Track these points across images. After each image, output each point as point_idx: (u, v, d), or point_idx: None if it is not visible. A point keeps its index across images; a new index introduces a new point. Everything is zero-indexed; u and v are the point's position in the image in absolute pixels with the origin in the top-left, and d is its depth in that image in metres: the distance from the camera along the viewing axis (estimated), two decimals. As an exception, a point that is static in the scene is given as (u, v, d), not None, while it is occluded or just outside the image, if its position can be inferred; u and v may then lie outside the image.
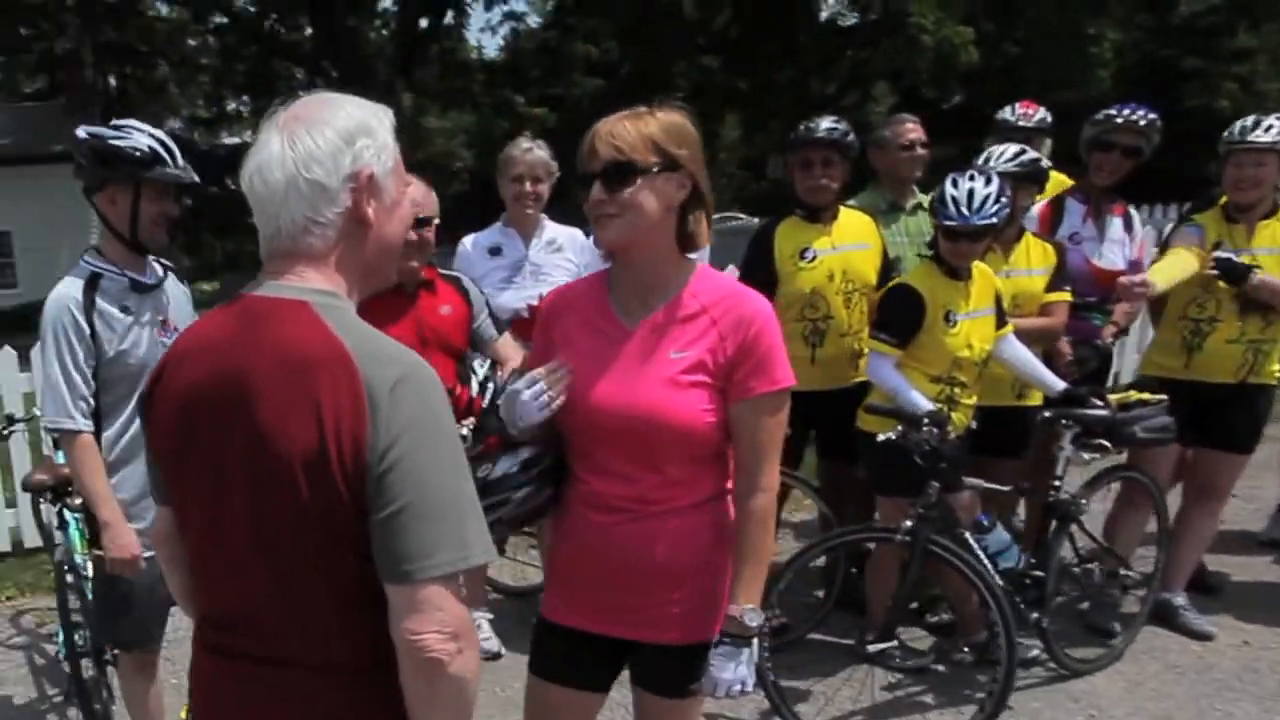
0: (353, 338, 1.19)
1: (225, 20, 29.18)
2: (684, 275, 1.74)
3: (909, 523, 3.00)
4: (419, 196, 2.66)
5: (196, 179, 2.59)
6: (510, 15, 35.36)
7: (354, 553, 1.17)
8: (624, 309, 1.76)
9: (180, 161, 2.54)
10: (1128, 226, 3.82)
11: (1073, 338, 3.67)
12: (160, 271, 2.71)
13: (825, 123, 3.43)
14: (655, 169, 1.63)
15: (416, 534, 1.13)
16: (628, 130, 1.64)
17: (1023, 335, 3.36)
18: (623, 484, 1.73)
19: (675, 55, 26.42)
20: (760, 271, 3.54)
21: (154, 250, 2.65)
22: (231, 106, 37.82)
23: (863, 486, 3.54)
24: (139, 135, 2.49)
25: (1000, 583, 2.97)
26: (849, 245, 3.51)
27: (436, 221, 2.78)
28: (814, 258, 3.47)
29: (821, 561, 3.71)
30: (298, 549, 1.19)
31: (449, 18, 29.79)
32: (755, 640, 1.73)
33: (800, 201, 3.54)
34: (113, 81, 34.92)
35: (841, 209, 3.57)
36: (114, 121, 2.60)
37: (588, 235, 3.75)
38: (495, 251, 3.65)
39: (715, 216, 3.41)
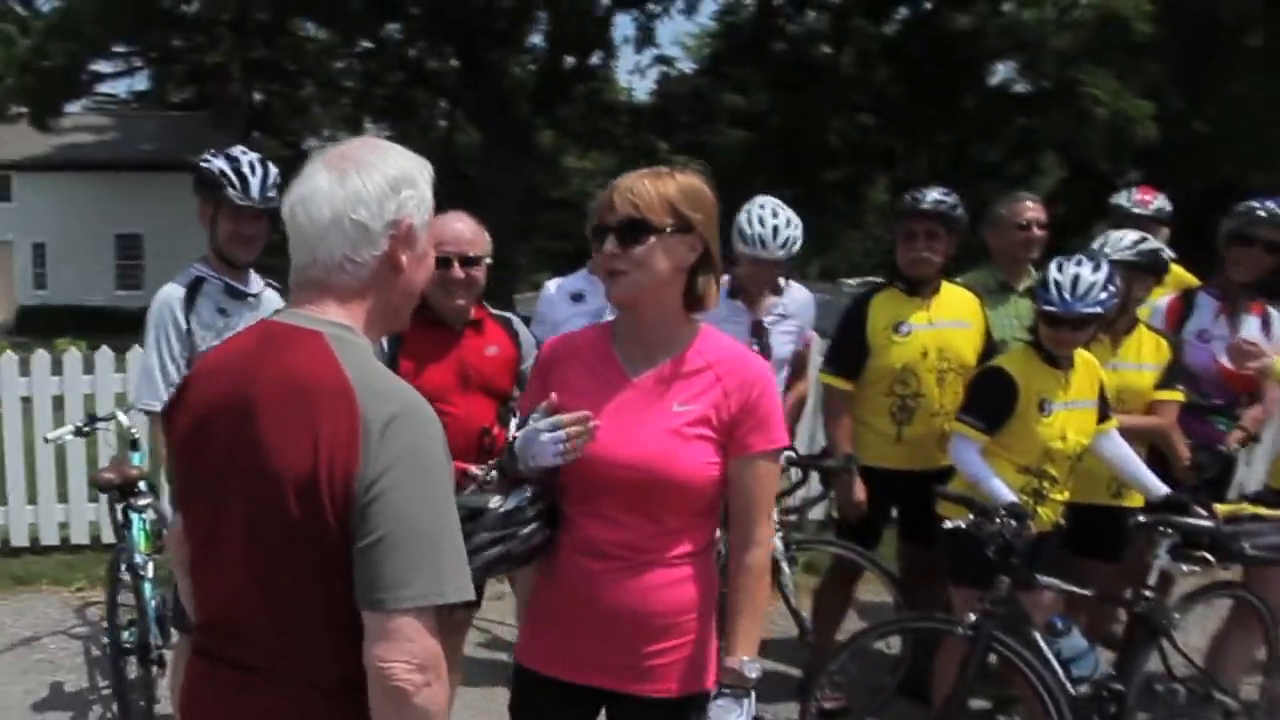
0: (357, 371, 1.32)
1: (372, 45, 31.26)
2: (689, 333, 1.89)
3: (973, 616, 3.04)
4: (469, 235, 2.80)
5: (258, 205, 2.93)
6: (661, 59, 36.37)
7: (340, 576, 1.29)
8: (628, 360, 1.89)
9: (253, 190, 2.91)
10: (1265, 327, 3.75)
11: (1193, 442, 3.62)
12: (260, 284, 3.13)
13: (933, 194, 3.54)
14: (669, 229, 1.78)
15: (393, 565, 1.25)
16: (647, 189, 1.79)
17: (1126, 434, 3.36)
18: (617, 530, 1.84)
19: (828, 111, 26.73)
20: (850, 341, 3.67)
21: (236, 264, 3.06)
22: (369, 129, 40.35)
23: (941, 573, 3.57)
24: (218, 160, 2.94)
25: (1071, 691, 2.96)
26: (947, 322, 3.59)
27: (489, 261, 2.91)
28: (908, 332, 3.56)
29: (893, 648, 3.75)
30: (287, 566, 1.32)
31: (596, 58, 31.06)
32: (753, 692, 1.83)
33: (900, 273, 3.67)
34: (258, 97, 38.06)
35: (945, 285, 3.66)
36: (239, 148, 3.06)
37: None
38: (578, 298, 3.82)
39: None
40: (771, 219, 3.50)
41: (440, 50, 32.48)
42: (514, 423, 2.95)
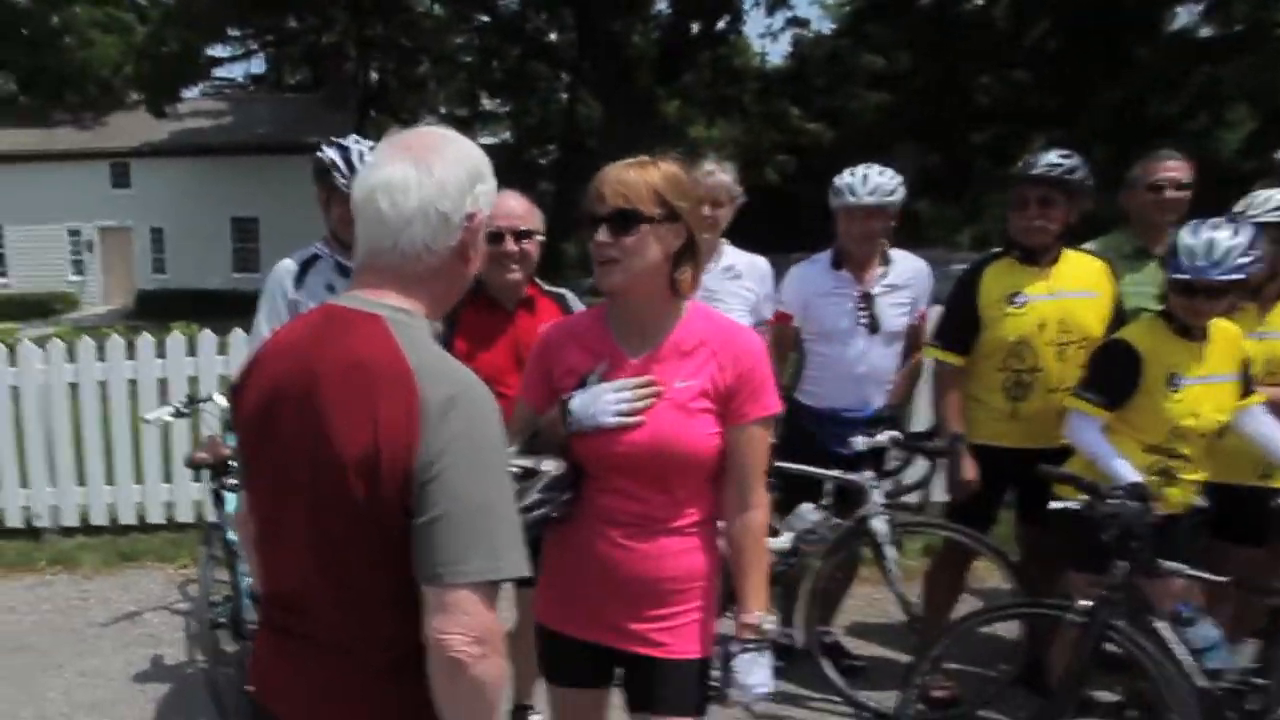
0: (417, 354, 1.43)
1: (488, 19, 32.09)
2: (679, 313, 2.06)
3: (1087, 602, 2.98)
4: (521, 210, 2.93)
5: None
6: (795, 21, 36.00)
7: (399, 553, 1.40)
8: (625, 342, 2.08)
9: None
10: None
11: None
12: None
13: (1049, 157, 3.46)
14: (658, 218, 1.95)
15: (451, 541, 1.36)
16: (635, 179, 1.96)
17: (1275, 409, 3.22)
18: (631, 502, 2.05)
19: (976, 69, 25.93)
20: (960, 314, 3.64)
21: (349, 245, 3.28)
22: (486, 106, 41.50)
23: (1061, 558, 3.51)
24: (330, 150, 3.24)
25: (1201, 684, 2.88)
26: (1070, 292, 3.52)
27: (540, 237, 3.03)
28: (1024, 303, 3.51)
29: (1011, 634, 3.72)
30: (347, 544, 1.44)
31: (723, 23, 31.03)
32: (771, 645, 2.06)
33: (1016, 242, 3.63)
34: (373, 76, 39.66)
35: (1069, 252, 3.58)
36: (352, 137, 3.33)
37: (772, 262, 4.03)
38: None
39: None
40: (862, 169, 3.63)
41: (559, 21, 33.12)
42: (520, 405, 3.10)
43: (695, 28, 30.40)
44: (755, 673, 2.02)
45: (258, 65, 40.87)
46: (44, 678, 4.26)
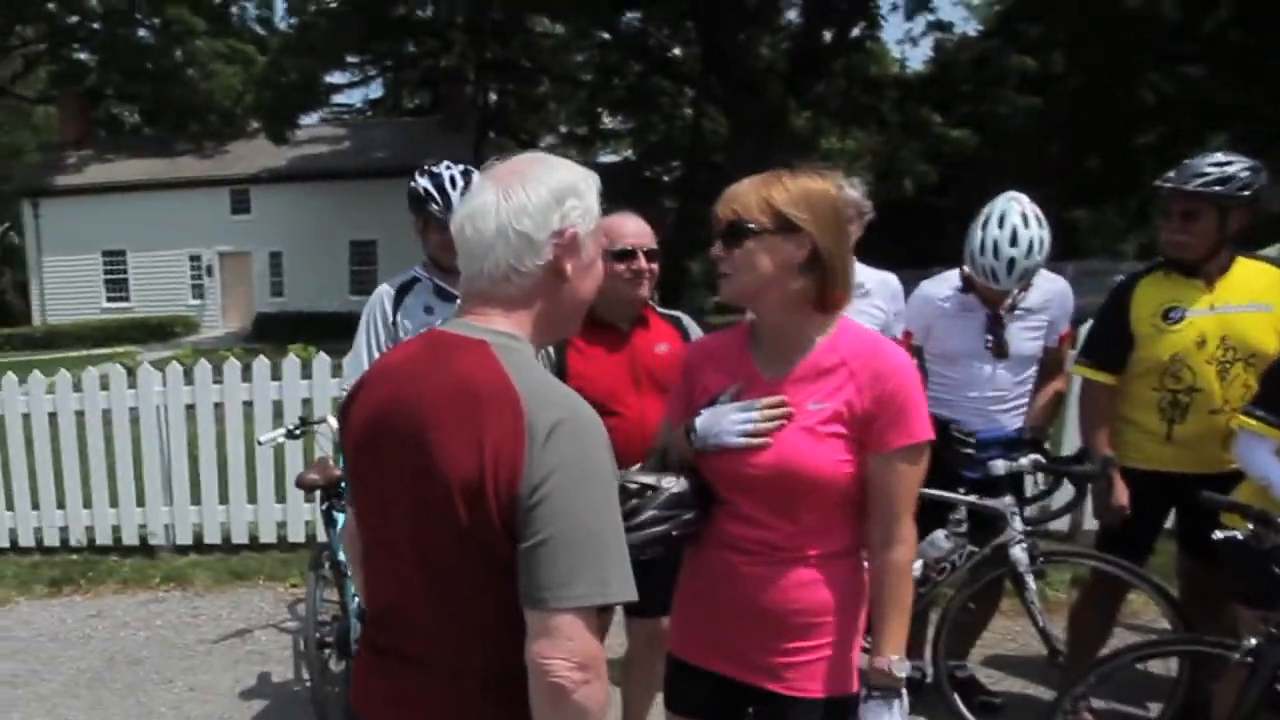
0: (523, 379, 1.50)
1: (608, 36, 32.71)
2: (823, 329, 2.05)
3: (1254, 641, 2.86)
4: (645, 230, 3.10)
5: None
6: (937, 25, 35.51)
7: (503, 576, 1.46)
8: (763, 361, 2.10)
9: (454, 203, 3.33)
10: None
11: None
12: None
13: (1199, 166, 3.36)
14: (769, 230, 1.98)
15: (556, 565, 1.42)
16: (747, 194, 2.01)
17: None
18: (756, 529, 2.06)
19: (1142, 65, 25.08)
20: (1112, 330, 3.56)
21: (447, 268, 3.47)
22: (607, 124, 42.22)
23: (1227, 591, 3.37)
24: (423, 179, 3.49)
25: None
26: (1235, 306, 3.39)
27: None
28: (1181, 318, 3.41)
29: (1170, 671, 3.58)
30: (452, 565, 1.52)
31: (859, 29, 30.86)
32: (904, 692, 1.99)
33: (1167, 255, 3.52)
34: (492, 97, 40.88)
35: (1241, 260, 3.46)
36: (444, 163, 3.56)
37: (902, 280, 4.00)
38: None
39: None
40: (1009, 248, 3.43)
41: (683, 35, 33.50)
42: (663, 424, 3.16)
43: (827, 36, 30.29)
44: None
45: (376, 90, 42.63)
46: (155, 691, 4.55)
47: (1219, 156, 3.38)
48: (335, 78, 37.46)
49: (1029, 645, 4.22)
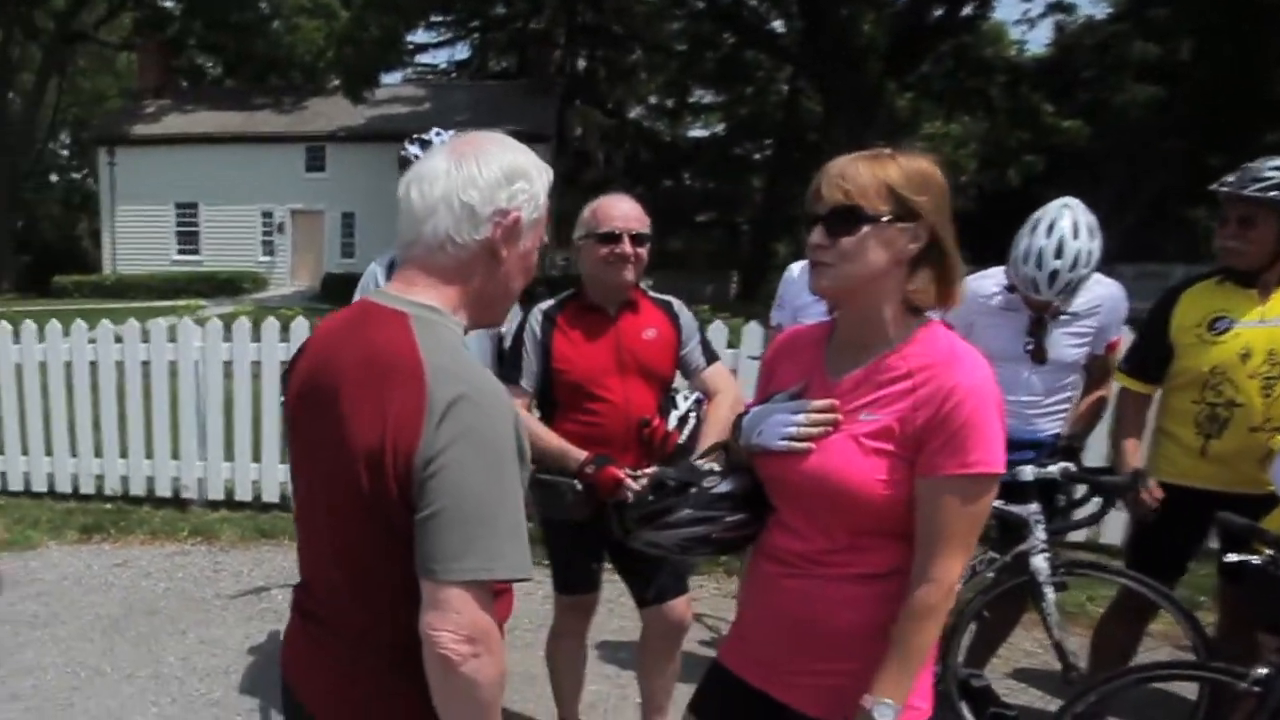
0: (432, 352, 1.56)
1: (704, 5, 32.61)
2: (905, 333, 1.91)
3: (1263, 670, 2.84)
4: (636, 214, 3.17)
5: None
6: (1058, 6, 34.69)
7: (404, 546, 1.53)
8: (835, 361, 1.99)
9: None
10: None
11: None
12: None
13: (1259, 169, 3.31)
14: (885, 218, 1.83)
15: (447, 538, 1.48)
16: (861, 173, 1.85)
17: None
18: (793, 538, 2.01)
19: (1273, 60, 24.25)
20: (1151, 339, 3.56)
21: None
22: (697, 98, 42.16)
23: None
24: (413, 146, 3.60)
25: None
26: None
27: (649, 244, 3.22)
28: (1226, 329, 3.38)
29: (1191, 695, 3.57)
30: (358, 534, 1.60)
31: (969, 9, 30.30)
32: None
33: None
34: (581, 64, 41.08)
35: None
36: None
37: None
38: None
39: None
40: (1053, 259, 3.41)
41: (782, 8, 33.26)
42: (673, 415, 3.23)
43: (935, 13, 29.79)
44: None
45: (463, 52, 43.14)
46: (167, 641, 4.79)
47: (1274, 163, 3.33)
48: (420, 37, 38.15)
49: (1038, 657, 4.23)
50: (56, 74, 40.96)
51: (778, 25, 34.52)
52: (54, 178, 47.69)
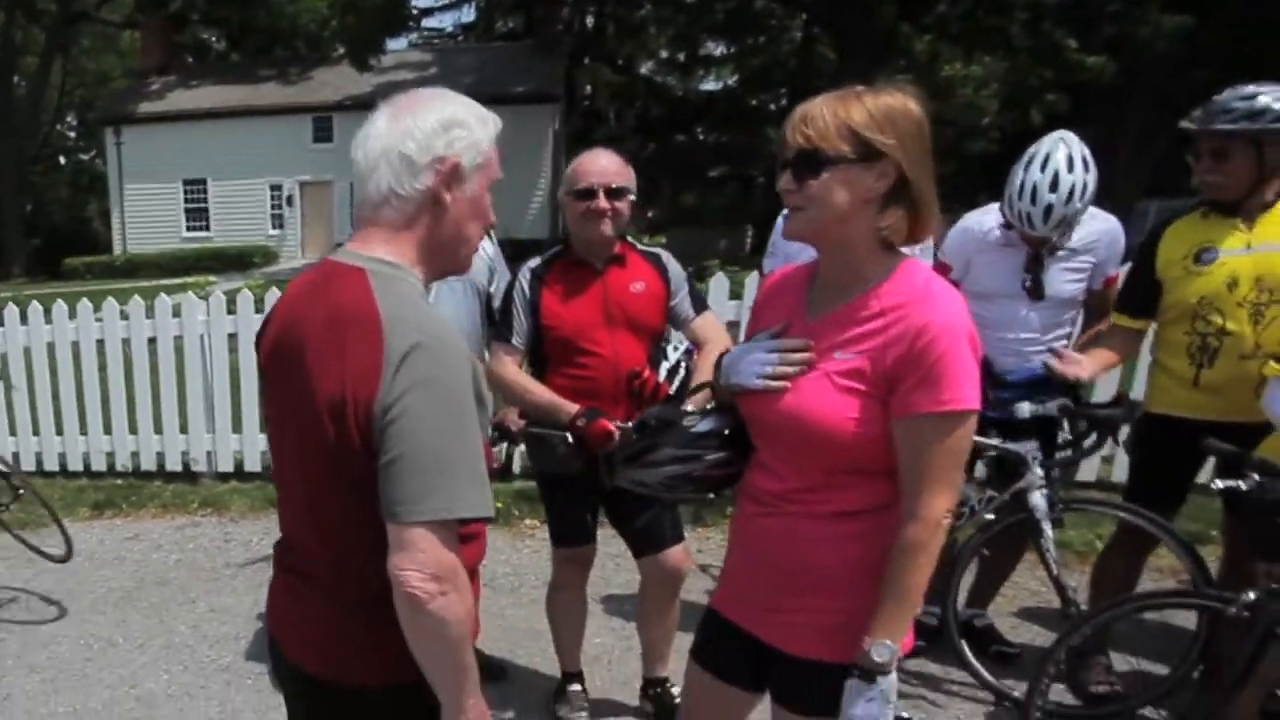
0: (389, 304, 1.64)
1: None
2: (882, 271, 1.93)
3: (1253, 595, 2.89)
4: (614, 168, 3.22)
5: None
6: (1079, -65, 34.01)
7: (370, 494, 1.61)
8: (815, 301, 2.03)
9: None
10: None
11: None
12: None
13: (1226, 101, 3.31)
14: (848, 159, 1.86)
15: (408, 481, 1.57)
16: (822, 115, 1.87)
17: None
18: (770, 478, 2.07)
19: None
20: (1138, 275, 3.61)
21: None
22: (708, 50, 41.79)
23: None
24: None
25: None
26: (1275, 244, 3.38)
27: (632, 196, 3.27)
28: (1213, 259, 3.41)
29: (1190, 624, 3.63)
30: (326, 484, 1.69)
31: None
32: (890, 676, 1.91)
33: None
34: (589, 21, 40.83)
35: None
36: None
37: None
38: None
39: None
40: (1048, 193, 3.46)
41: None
42: (664, 366, 3.29)
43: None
44: (858, 704, 1.92)
45: (468, 14, 42.97)
46: (178, 610, 4.94)
47: (1247, 89, 3.33)
48: (424, 1, 37.90)
49: (1038, 594, 4.29)
50: (60, 55, 41.16)
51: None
52: (62, 160, 48.15)
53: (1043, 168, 3.47)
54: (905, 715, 3.65)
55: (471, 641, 1.67)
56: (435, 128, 1.72)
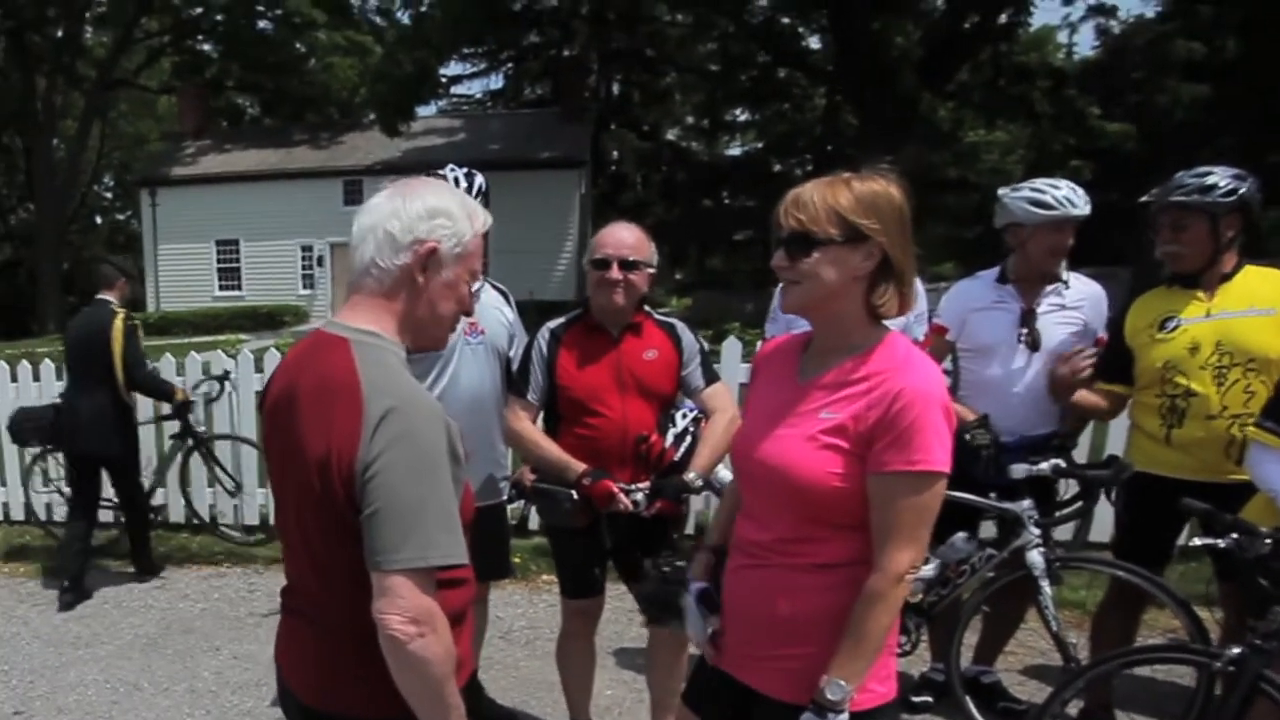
0: (368, 372, 1.82)
1: (734, 28, 32.87)
2: (870, 341, 2.10)
3: (1237, 649, 2.97)
4: (631, 241, 3.40)
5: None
6: (1098, 9, 34.53)
7: (357, 543, 1.77)
8: (806, 366, 2.20)
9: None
10: None
11: None
12: (480, 284, 3.87)
13: (1181, 179, 3.55)
14: (836, 241, 2.04)
15: (386, 532, 1.73)
16: (812, 201, 2.05)
17: None
18: (756, 528, 2.21)
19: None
20: (1111, 345, 3.81)
21: None
22: (733, 116, 42.41)
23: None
24: (448, 171, 3.89)
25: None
26: (1234, 312, 3.53)
27: (650, 269, 3.45)
28: (1175, 327, 3.61)
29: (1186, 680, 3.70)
30: (319, 534, 1.87)
31: (1005, 15, 30.32)
32: (843, 716, 2.02)
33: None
34: (615, 88, 41.57)
35: (1249, 269, 3.60)
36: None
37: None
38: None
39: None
40: (1050, 187, 3.79)
41: (812, 24, 33.45)
42: (671, 432, 3.45)
43: (970, 23, 29.81)
44: None
45: (497, 81, 43.77)
46: (202, 657, 5.08)
47: (1201, 169, 3.58)
48: (454, 69, 38.75)
49: (1039, 651, 4.34)
50: (99, 119, 42.06)
51: (812, 41, 34.74)
52: (98, 219, 48.97)
53: (1024, 189, 3.85)
54: None
55: (455, 681, 1.83)
56: (422, 213, 1.91)
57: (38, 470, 7.27)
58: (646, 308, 3.56)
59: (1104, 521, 5.58)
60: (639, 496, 3.30)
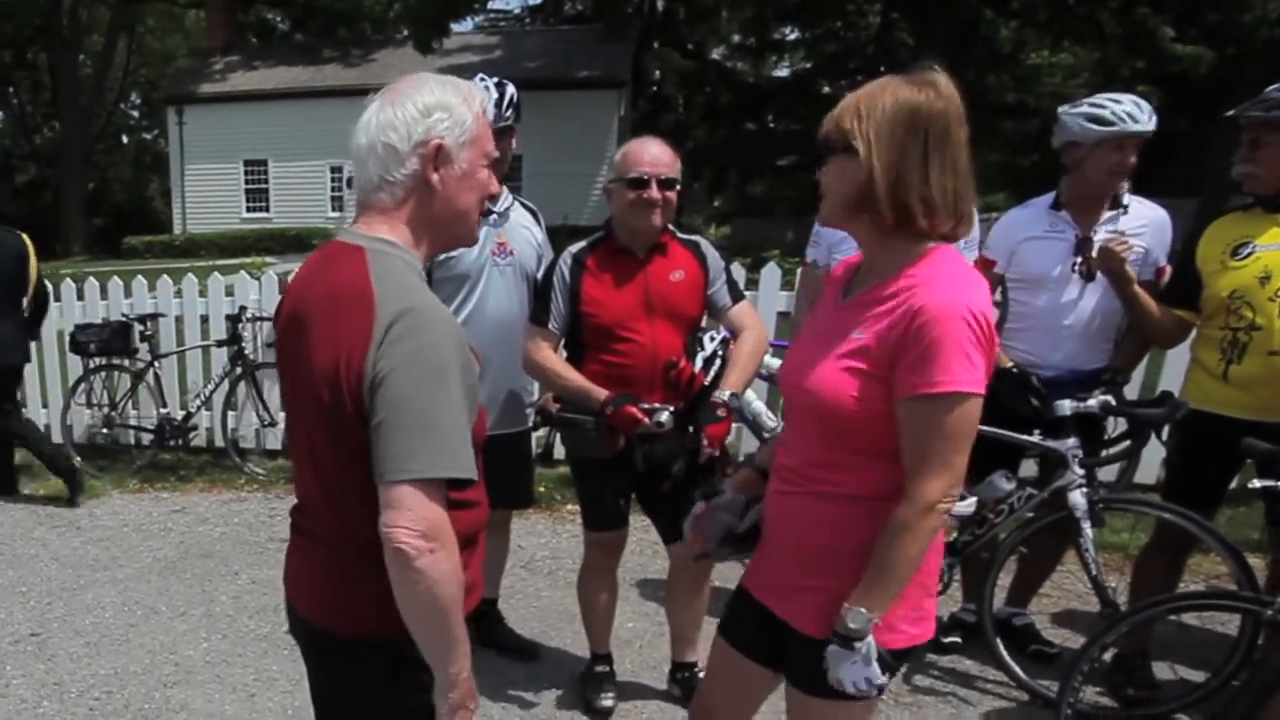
0: (382, 280, 1.80)
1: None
2: (910, 257, 2.01)
3: (1287, 597, 2.94)
4: (666, 158, 3.34)
5: (494, 125, 3.63)
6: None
7: (365, 456, 1.76)
8: (852, 286, 2.15)
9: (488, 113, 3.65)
10: None
11: None
12: (509, 200, 3.91)
13: (1268, 93, 3.41)
14: (837, 149, 2.00)
15: (394, 443, 1.70)
16: (846, 105, 2.00)
17: None
18: (791, 455, 2.20)
19: None
20: (1180, 269, 3.69)
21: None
22: (781, 35, 41.67)
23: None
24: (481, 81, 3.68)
25: None
26: None
27: (679, 187, 3.37)
28: (1249, 254, 3.49)
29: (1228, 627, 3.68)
30: (326, 447, 1.86)
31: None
32: (867, 640, 2.01)
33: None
34: (659, 4, 40.93)
35: None
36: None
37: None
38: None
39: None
40: (1112, 102, 3.65)
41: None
42: (700, 356, 3.41)
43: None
44: (840, 668, 2.03)
45: (536, -4, 43.21)
46: (220, 582, 5.19)
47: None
48: (492, -17, 38.29)
49: (1078, 595, 4.33)
50: (125, 35, 42.14)
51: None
52: (125, 139, 49.27)
53: (1084, 103, 3.72)
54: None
55: (463, 609, 1.80)
56: (416, 115, 1.87)
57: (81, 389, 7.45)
58: (670, 226, 3.51)
59: (1150, 462, 5.55)
60: (664, 416, 3.28)
